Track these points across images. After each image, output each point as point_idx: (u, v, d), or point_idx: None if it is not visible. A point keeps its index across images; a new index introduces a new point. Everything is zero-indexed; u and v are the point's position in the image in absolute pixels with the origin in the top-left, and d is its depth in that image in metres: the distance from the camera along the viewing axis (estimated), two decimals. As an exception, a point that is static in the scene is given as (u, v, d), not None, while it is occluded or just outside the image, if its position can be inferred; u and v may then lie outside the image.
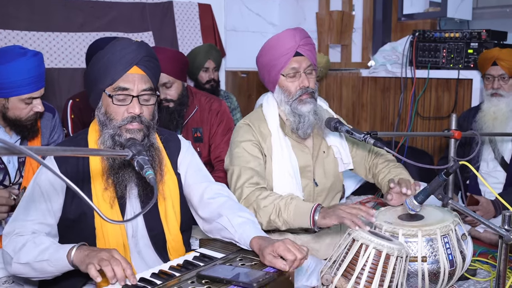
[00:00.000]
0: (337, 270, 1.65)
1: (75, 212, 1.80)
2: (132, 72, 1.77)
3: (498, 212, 2.79)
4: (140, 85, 1.77)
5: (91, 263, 1.51)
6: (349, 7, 4.67)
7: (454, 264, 1.82)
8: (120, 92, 1.75)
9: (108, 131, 1.76)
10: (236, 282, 1.47)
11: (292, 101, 2.26)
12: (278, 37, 2.27)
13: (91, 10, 4.03)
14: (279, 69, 2.25)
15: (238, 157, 2.24)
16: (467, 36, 3.58)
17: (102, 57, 1.77)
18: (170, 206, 1.90)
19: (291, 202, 2.03)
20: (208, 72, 3.97)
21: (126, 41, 1.80)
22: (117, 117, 1.76)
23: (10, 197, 2.32)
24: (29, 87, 2.33)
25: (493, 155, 3.05)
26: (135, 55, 1.77)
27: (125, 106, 1.75)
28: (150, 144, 1.81)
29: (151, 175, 1.49)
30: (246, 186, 2.14)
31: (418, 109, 3.90)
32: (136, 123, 1.75)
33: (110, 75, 1.75)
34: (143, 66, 1.79)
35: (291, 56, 2.23)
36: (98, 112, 1.81)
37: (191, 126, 3.23)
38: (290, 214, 2.01)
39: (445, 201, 1.81)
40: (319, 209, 1.95)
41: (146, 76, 1.80)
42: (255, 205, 2.09)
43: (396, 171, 2.34)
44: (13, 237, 1.72)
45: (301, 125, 2.27)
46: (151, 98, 1.81)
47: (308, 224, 1.96)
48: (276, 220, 2.05)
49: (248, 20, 5.23)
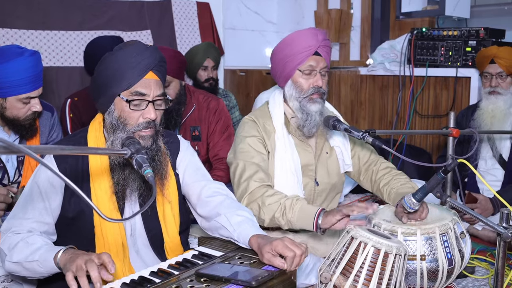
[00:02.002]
0: (336, 268, 1.66)
1: (73, 211, 1.80)
2: (148, 78, 1.77)
3: (496, 209, 2.79)
4: (155, 90, 1.78)
5: (68, 270, 1.50)
6: (348, 5, 4.67)
7: (453, 262, 1.82)
8: (137, 97, 1.75)
9: (120, 135, 1.75)
10: (234, 280, 1.47)
11: (302, 98, 2.27)
12: (300, 33, 2.29)
13: (90, 9, 4.03)
14: (296, 64, 2.26)
15: (243, 152, 2.24)
16: (465, 34, 3.59)
17: (115, 60, 1.75)
18: (169, 208, 1.90)
19: (297, 203, 2.03)
20: (207, 71, 3.97)
21: (140, 45, 1.79)
22: (131, 122, 1.76)
23: (8, 195, 2.32)
24: (26, 86, 2.33)
25: (491, 153, 3.05)
26: (152, 60, 1.77)
27: (141, 111, 1.76)
28: (157, 149, 1.82)
29: (149, 173, 1.49)
30: (254, 180, 2.14)
31: (417, 107, 3.90)
32: (150, 128, 1.77)
33: (126, 80, 1.74)
34: (157, 71, 1.80)
35: (310, 54, 2.25)
36: (108, 116, 1.80)
37: (189, 124, 3.23)
38: (295, 215, 2.02)
39: (443, 199, 1.81)
40: (322, 214, 1.95)
41: (159, 81, 1.81)
42: (260, 201, 2.09)
43: (401, 180, 2.29)
44: (9, 234, 1.72)
45: (307, 123, 2.28)
46: (163, 103, 1.82)
47: (311, 227, 1.96)
48: (280, 219, 2.05)
49: (247, 18, 5.23)
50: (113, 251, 1.79)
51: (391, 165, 2.42)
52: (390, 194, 2.23)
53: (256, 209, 2.08)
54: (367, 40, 4.55)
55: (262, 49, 5.39)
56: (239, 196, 2.15)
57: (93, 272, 1.46)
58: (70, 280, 1.47)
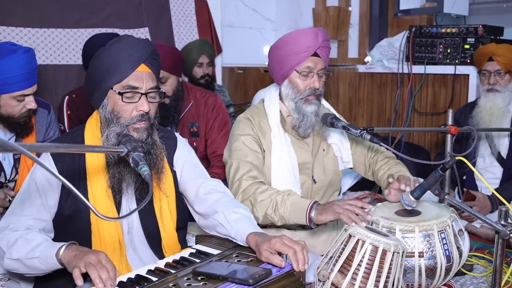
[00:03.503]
0: (334, 266, 1.65)
1: (70, 208, 1.79)
2: (140, 70, 1.77)
3: (494, 207, 2.79)
4: (148, 83, 1.78)
5: (76, 266, 1.49)
6: (346, 2, 4.66)
7: (451, 259, 1.82)
8: (129, 90, 1.76)
9: (114, 128, 1.76)
10: (232, 278, 1.47)
11: (298, 99, 2.25)
12: (300, 32, 2.25)
13: (87, 7, 4.02)
14: (294, 65, 2.23)
15: (237, 150, 2.24)
16: (463, 31, 3.58)
17: (108, 55, 1.76)
18: (166, 204, 1.89)
19: (288, 198, 2.03)
20: (203, 68, 3.97)
21: (132, 39, 1.80)
22: (125, 115, 1.76)
23: (6, 199, 2.30)
24: (20, 84, 2.31)
25: (489, 151, 3.05)
26: (144, 53, 1.78)
27: (134, 104, 1.76)
28: (153, 142, 1.81)
29: (146, 171, 1.49)
30: (245, 179, 2.14)
31: (415, 105, 3.90)
32: (144, 121, 1.77)
33: (119, 73, 1.75)
34: (149, 64, 1.80)
35: (309, 55, 2.22)
36: (102, 110, 1.80)
37: (187, 120, 3.23)
38: (287, 210, 2.01)
39: (441, 196, 1.81)
40: (315, 206, 1.94)
41: (152, 73, 1.82)
42: (252, 199, 2.08)
43: (396, 168, 2.33)
44: (7, 232, 1.71)
45: (303, 124, 2.27)
46: (157, 96, 1.83)
47: (304, 221, 1.96)
48: (273, 215, 2.04)
49: (245, 16, 5.22)
50: (109, 249, 1.78)
51: (390, 155, 2.44)
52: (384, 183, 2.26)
53: (250, 207, 2.07)
54: (365, 38, 4.54)
55: (260, 47, 5.38)
56: (233, 195, 2.14)
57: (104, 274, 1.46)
58: (77, 277, 1.47)
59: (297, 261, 1.56)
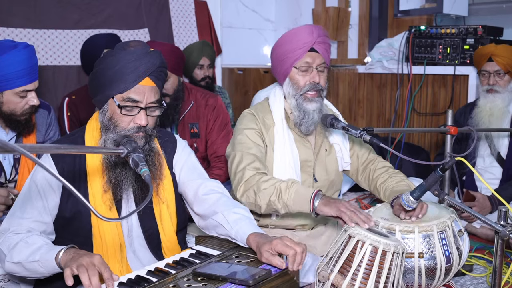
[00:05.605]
0: (334, 267, 1.65)
1: (71, 211, 1.79)
2: (143, 84, 1.76)
3: (494, 207, 2.79)
4: (149, 97, 1.77)
5: (68, 266, 1.49)
6: (345, 3, 4.67)
7: (451, 260, 1.82)
8: (129, 103, 1.75)
9: (112, 136, 1.76)
10: (232, 279, 1.47)
11: (299, 95, 2.27)
12: (297, 30, 2.29)
13: (87, 7, 4.01)
14: (292, 62, 2.26)
15: (240, 143, 2.25)
16: (463, 32, 3.59)
17: (116, 62, 1.74)
18: (165, 207, 1.89)
19: (292, 186, 2.03)
20: (203, 69, 3.96)
21: (141, 50, 1.77)
22: (122, 125, 1.76)
23: (9, 197, 2.30)
24: (22, 79, 2.31)
25: (489, 151, 3.05)
26: (149, 66, 1.76)
27: (132, 116, 1.76)
28: (150, 149, 1.81)
29: (146, 172, 1.49)
30: (248, 169, 2.14)
31: (415, 105, 3.90)
32: (141, 133, 1.77)
33: (121, 84, 1.74)
34: (154, 77, 1.79)
35: (306, 50, 2.24)
36: (102, 114, 1.81)
37: (188, 121, 3.23)
38: (291, 197, 2.01)
39: (441, 197, 1.81)
40: (319, 195, 1.95)
41: (155, 87, 1.80)
42: (256, 187, 2.08)
43: (397, 178, 2.28)
44: (8, 234, 1.71)
45: (304, 121, 2.27)
46: (157, 110, 1.82)
47: (307, 208, 1.96)
48: (276, 202, 2.04)
49: (244, 16, 5.23)
50: (110, 251, 1.78)
51: (389, 164, 2.41)
52: (385, 192, 2.23)
53: (252, 196, 2.07)
54: (365, 38, 4.55)
55: (260, 47, 5.38)
56: (236, 185, 2.15)
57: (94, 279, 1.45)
58: (67, 276, 1.46)
59: (293, 263, 1.56)
